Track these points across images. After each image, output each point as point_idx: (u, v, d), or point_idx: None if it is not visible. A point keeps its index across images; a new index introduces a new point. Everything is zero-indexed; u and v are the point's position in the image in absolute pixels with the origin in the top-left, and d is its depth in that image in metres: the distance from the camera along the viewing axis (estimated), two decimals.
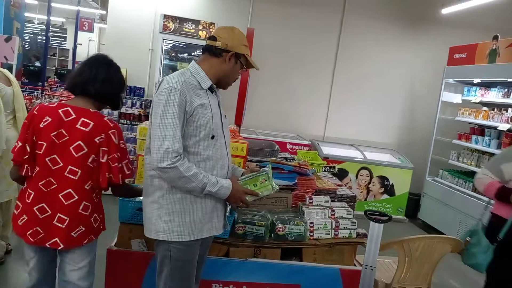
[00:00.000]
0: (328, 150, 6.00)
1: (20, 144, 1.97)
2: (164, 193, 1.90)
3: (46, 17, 9.94)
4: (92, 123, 1.95)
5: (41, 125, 1.93)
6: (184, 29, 5.69)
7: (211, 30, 5.74)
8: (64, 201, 1.93)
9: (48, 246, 1.94)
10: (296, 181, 2.82)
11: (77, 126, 1.94)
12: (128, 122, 5.65)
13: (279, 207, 2.78)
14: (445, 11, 6.11)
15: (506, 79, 4.85)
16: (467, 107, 5.74)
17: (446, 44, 6.11)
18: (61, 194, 1.93)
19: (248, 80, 3.48)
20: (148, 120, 5.91)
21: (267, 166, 2.20)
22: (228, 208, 2.23)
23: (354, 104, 6.74)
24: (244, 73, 3.77)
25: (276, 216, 2.58)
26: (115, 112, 5.61)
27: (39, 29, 13.88)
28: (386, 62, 6.77)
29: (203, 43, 5.87)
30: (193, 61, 2.04)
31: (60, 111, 1.95)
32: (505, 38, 4.95)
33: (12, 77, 3.34)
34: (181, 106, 1.82)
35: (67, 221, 1.93)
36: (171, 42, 5.87)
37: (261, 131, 6.22)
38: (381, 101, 6.82)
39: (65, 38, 14.67)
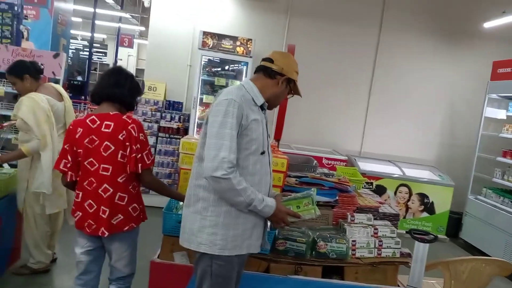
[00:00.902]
0: (365, 165, 5.90)
1: (58, 156, 2.34)
2: (209, 205, 1.91)
3: (89, 34, 10.44)
4: (112, 123, 2.26)
5: (76, 136, 2.27)
6: (222, 45, 5.80)
7: (248, 46, 5.82)
8: (104, 195, 2.24)
9: (100, 234, 2.24)
10: (337, 197, 2.79)
11: (102, 129, 2.25)
12: (167, 135, 5.77)
13: (320, 224, 2.75)
14: (487, 25, 5.96)
15: None
16: None
17: (487, 58, 5.93)
18: (100, 189, 2.24)
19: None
20: (186, 134, 5.95)
21: (312, 190, 2.16)
22: (268, 224, 2.23)
23: (391, 119, 6.63)
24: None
25: (317, 233, 2.55)
26: (155, 126, 5.75)
27: (81, 45, 14.52)
28: (425, 77, 6.63)
29: (241, 58, 6.01)
30: (246, 78, 2.12)
31: (87, 120, 2.29)
32: None
33: (64, 92, 3.49)
34: (238, 119, 1.87)
35: (107, 212, 2.23)
36: (208, 57, 6.00)
37: (296, 145, 6.20)
38: (420, 117, 6.67)
39: (105, 54, 15.28)
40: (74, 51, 13.82)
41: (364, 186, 3.53)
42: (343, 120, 6.60)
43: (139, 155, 2.26)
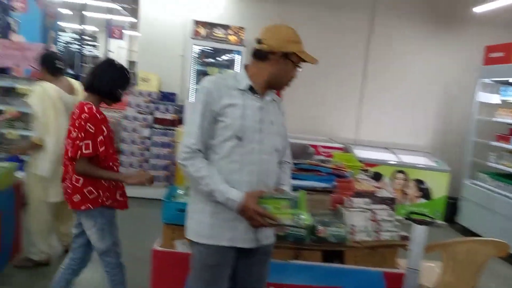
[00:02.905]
0: (361, 153, 5.90)
1: None
2: (195, 191, 1.94)
3: (78, 26, 10.30)
4: (78, 111, 2.47)
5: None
6: (214, 34, 5.75)
7: (240, 34, 5.78)
8: (71, 174, 2.51)
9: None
10: (334, 183, 2.80)
11: (73, 116, 2.50)
12: (162, 127, 5.72)
13: (318, 210, 2.75)
14: (478, 9, 5.95)
15: None
16: (505, 108, 5.54)
17: (480, 43, 5.93)
18: (70, 168, 2.51)
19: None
20: (181, 124, 5.91)
21: (299, 193, 1.87)
22: None
23: (386, 106, 6.63)
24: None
25: (316, 218, 2.55)
26: (149, 118, 5.70)
27: (71, 38, 14.36)
28: (419, 63, 6.63)
29: (233, 47, 5.94)
30: (243, 67, 2.01)
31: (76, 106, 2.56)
32: None
33: (78, 87, 3.48)
34: (207, 105, 1.84)
35: (71, 189, 2.51)
36: (200, 47, 5.94)
37: (292, 134, 6.17)
38: (414, 103, 6.68)
39: (96, 46, 15.12)
40: (64, 44, 13.66)
41: (361, 172, 3.53)
42: (338, 108, 6.60)
43: (81, 143, 2.41)
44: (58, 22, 9.12)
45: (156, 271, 2.38)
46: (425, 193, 5.93)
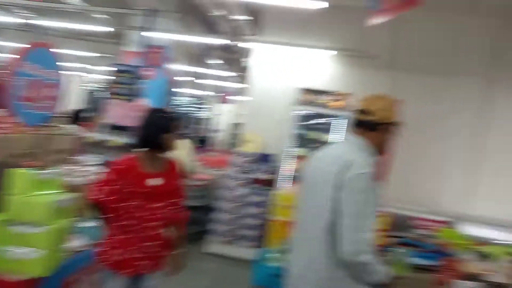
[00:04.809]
0: (472, 230, 5.33)
1: None
2: (350, 281, 1.87)
3: (192, 91, 11.40)
4: None
5: None
6: (319, 100, 5.94)
7: (346, 101, 5.85)
8: None
9: None
10: (438, 262, 2.62)
11: None
12: (258, 187, 5.87)
13: None
14: None
15: None
16: None
17: None
18: None
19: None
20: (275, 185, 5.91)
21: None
22: None
23: (507, 178, 5.98)
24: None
25: None
26: (247, 177, 5.92)
27: (185, 102, 15.81)
28: None
29: (337, 113, 5.94)
30: (355, 136, 2.04)
31: None
32: None
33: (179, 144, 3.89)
34: (374, 191, 1.89)
35: None
36: (302, 112, 6.14)
37: (388, 203, 5.85)
38: None
39: (206, 109, 16.34)
40: (178, 107, 15.08)
41: (470, 252, 3.23)
42: (444, 178, 6.12)
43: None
44: (176, 89, 10.19)
45: None
46: None
